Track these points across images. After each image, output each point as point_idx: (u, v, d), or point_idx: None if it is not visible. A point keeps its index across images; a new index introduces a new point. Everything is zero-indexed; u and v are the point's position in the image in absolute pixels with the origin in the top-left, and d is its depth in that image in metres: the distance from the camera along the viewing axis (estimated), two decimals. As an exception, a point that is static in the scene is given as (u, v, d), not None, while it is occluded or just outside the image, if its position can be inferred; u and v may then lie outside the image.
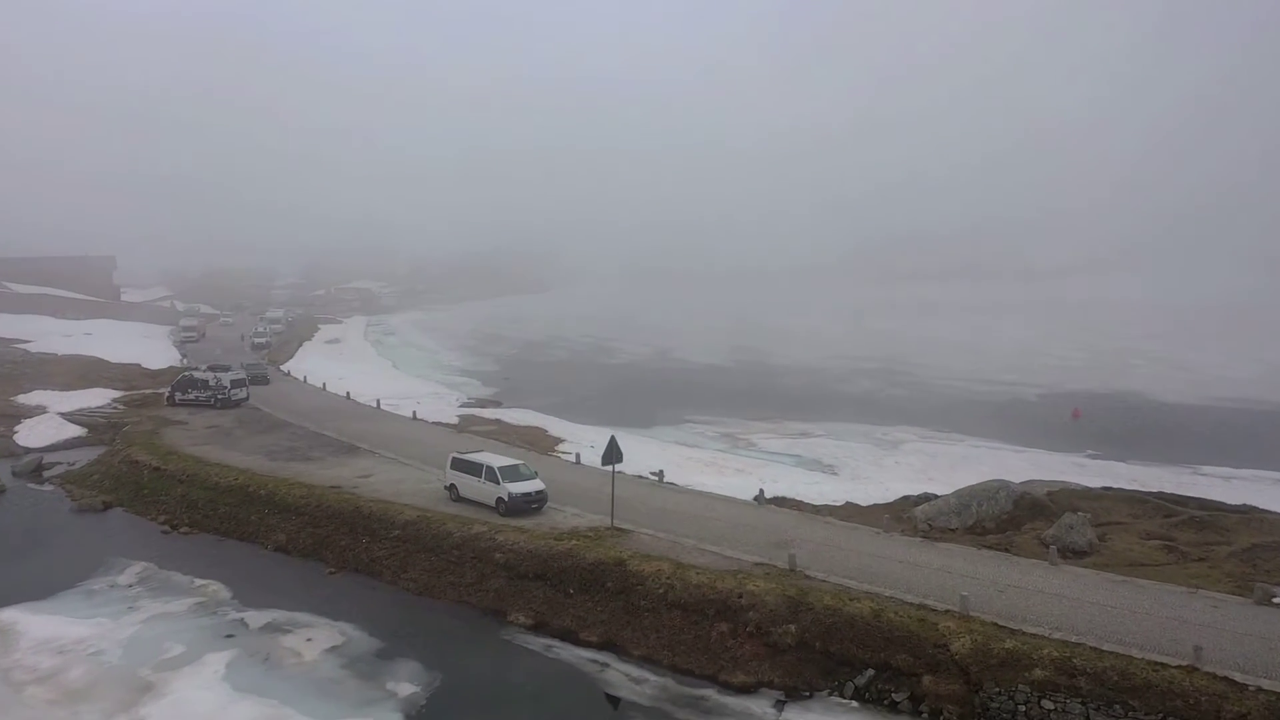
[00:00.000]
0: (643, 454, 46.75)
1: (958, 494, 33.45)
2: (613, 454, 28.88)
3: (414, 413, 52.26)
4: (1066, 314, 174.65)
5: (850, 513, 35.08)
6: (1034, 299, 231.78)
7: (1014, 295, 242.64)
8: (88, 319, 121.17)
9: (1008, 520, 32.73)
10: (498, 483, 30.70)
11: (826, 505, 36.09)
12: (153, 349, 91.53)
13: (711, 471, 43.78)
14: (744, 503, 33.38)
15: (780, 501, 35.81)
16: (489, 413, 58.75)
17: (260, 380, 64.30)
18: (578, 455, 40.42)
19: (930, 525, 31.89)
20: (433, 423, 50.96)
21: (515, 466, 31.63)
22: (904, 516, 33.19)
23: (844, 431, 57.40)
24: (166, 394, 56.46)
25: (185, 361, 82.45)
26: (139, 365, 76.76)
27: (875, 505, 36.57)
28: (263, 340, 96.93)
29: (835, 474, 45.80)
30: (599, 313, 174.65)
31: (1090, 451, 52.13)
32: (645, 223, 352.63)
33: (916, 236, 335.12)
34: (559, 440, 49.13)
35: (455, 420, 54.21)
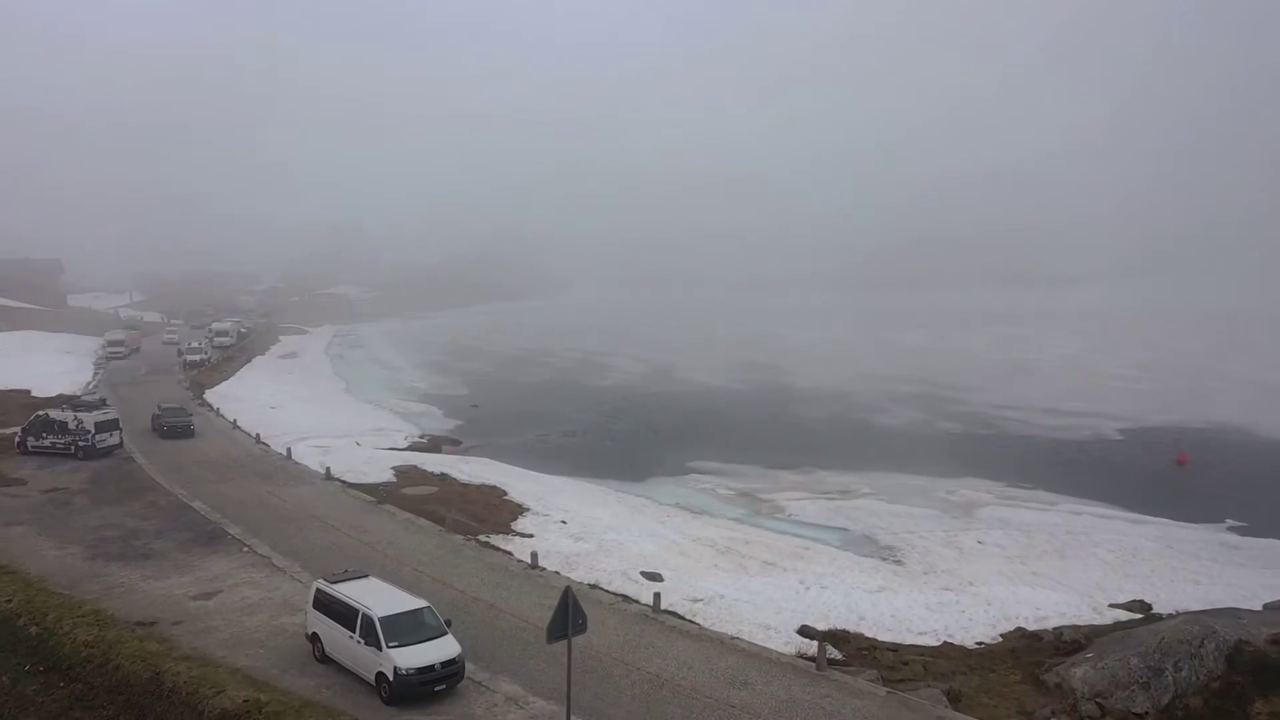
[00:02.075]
0: (633, 531, 34.62)
1: (1136, 646, 21.12)
2: (568, 620, 16.30)
3: (327, 470, 39.84)
4: (1105, 324, 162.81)
5: (956, 664, 22.76)
6: (1063, 307, 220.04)
7: (1040, 303, 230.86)
8: (11, 330, 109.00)
9: (1222, 691, 20.53)
10: (379, 645, 18.32)
11: (914, 647, 23.81)
12: (63, 369, 79.17)
13: (730, 564, 31.52)
14: (792, 666, 20.93)
15: (842, 641, 23.53)
16: (436, 461, 46.40)
17: (180, 431, 47.41)
18: (534, 555, 28.02)
19: (1102, 708, 19.60)
20: (351, 484, 38.61)
21: (414, 614, 19.17)
22: (1050, 682, 20.87)
23: (896, 488, 45.11)
24: (16, 439, 44.12)
25: (93, 386, 70.35)
26: (27, 392, 64.44)
27: (986, 645, 24.30)
28: (198, 357, 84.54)
29: (900, 564, 33.54)
30: (592, 322, 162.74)
31: (1231, 522, 39.82)
32: (643, 228, 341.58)
33: (931, 242, 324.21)
34: (519, 511, 36.81)
35: (389, 475, 41.93)
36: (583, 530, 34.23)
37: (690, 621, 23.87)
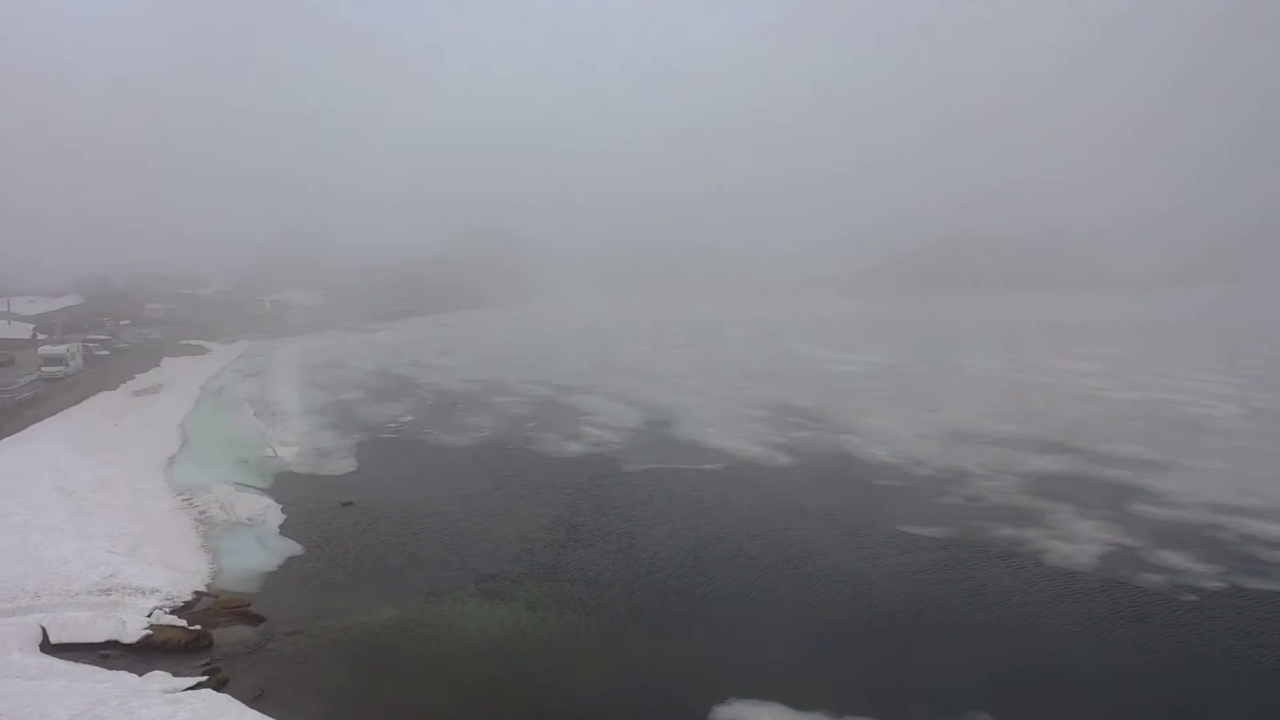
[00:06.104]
0: None
1: None
2: None
3: None
4: (1209, 344, 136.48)
5: None
6: (1130, 317, 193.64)
7: (1103, 313, 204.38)
8: None
9: None
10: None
11: None
12: None
13: None
14: None
15: None
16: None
17: None
18: None
19: None
20: None
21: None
22: None
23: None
24: None
25: None
26: None
27: None
28: (-38, 405, 58.18)
29: None
30: (570, 340, 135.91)
31: None
32: (638, 224, 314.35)
33: (959, 243, 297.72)
34: None
35: None
36: None
37: None
